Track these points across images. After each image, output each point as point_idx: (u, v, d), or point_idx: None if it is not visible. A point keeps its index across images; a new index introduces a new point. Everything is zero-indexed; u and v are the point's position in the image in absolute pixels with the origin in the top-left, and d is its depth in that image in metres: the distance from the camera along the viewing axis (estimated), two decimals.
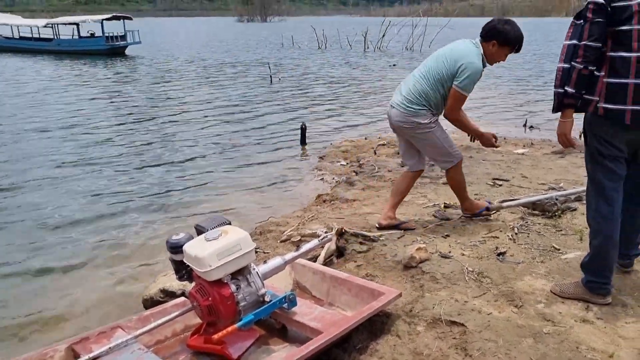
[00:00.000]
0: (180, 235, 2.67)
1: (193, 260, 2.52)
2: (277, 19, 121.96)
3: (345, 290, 3.07)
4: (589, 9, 2.59)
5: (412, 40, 30.49)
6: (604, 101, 2.63)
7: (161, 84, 16.77)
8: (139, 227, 5.39)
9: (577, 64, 2.60)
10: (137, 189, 6.51)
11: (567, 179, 5.51)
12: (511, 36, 3.65)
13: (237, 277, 2.64)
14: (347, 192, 5.42)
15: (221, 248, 2.49)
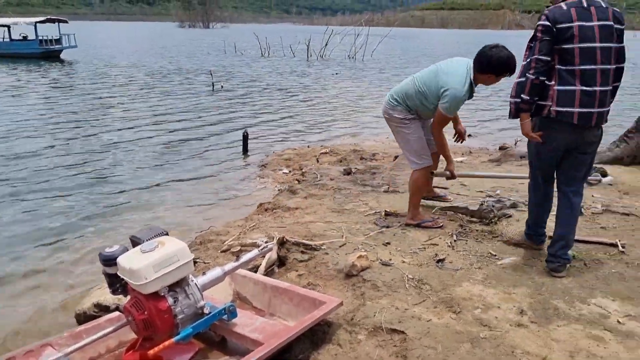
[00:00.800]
0: (114, 248, 2.57)
1: (128, 273, 2.43)
2: (220, 25, 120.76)
3: (287, 300, 3.04)
4: (538, 30, 3.10)
5: (355, 50, 30.87)
6: (556, 105, 3.12)
7: (98, 90, 16.24)
8: (72, 240, 5.19)
9: (530, 75, 3.09)
10: (72, 201, 6.26)
11: (502, 186, 5.67)
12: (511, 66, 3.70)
13: (175, 290, 2.56)
14: (290, 201, 5.39)
15: (157, 260, 2.41)
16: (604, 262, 3.55)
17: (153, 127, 10.69)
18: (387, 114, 4.23)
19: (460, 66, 3.88)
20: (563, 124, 3.15)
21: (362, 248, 3.78)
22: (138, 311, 2.46)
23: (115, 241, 4.97)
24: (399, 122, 4.15)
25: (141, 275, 2.37)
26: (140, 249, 2.46)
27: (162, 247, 2.47)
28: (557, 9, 3.08)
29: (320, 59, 30.44)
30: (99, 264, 2.66)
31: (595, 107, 3.10)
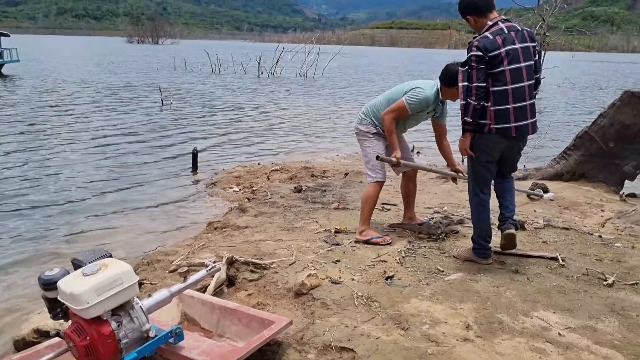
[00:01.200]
0: (54, 271, 2.47)
1: (68, 297, 2.34)
2: (169, 41, 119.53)
3: (236, 320, 3.00)
4: (472, 60, 3.48)
5: (306, 67, 31.12)
6: (494, 123, 3.58)
7: (41, 106, 15.72)
8: (11, 262, 4.96)
9: (472, 101, 3.48)
10: (11, 223, 5.99)
11: (450, 203, 5.81)
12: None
13: (119, 313, 2.47)
14: (239, 219, 5.34)
15: (100, 283, 2.33)
16: (545, 275, 3.67)
17: (99, 145, 10.41)
18: (356, 129, 4.53)
19: (430, 81, 4.29)
20: (504, 137, 3.63)
21: (312, 266, 3.77)
22: (79, 337, 2.37)
23: (57, 264, 4.82)
24: (363, 134, 4.44)
25: (82, 299, 2.29)
26: (81, 272, 2.38)
27: (105, 269, 2.39)
28: (485, 39, 3.51)
29: (271, 76, 30.53)
30: (38, 287, 2.56)
31: (529, 119, 3.64)
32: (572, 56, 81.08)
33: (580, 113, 18.16)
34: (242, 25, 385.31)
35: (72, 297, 2.31)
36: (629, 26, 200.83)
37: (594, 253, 4.16)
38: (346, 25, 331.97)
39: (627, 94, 6.54)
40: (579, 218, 5.32)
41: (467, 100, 3.50)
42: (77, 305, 2.31)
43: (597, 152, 6.77)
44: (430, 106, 4.26)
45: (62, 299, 2.41)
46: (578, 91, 26.85)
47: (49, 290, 2.47)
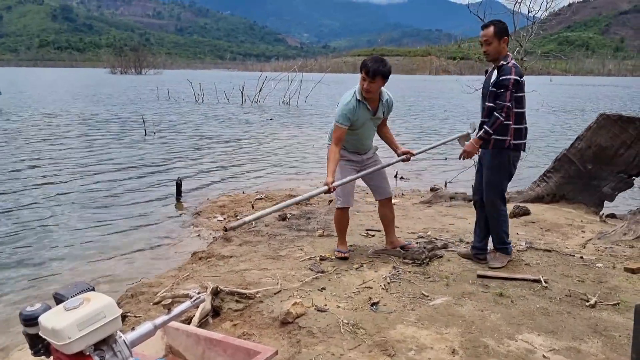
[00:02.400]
0: (35, 306, 2.43)
1: (50, 332, 2.30)
2: (153, 71, 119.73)
3: (221, 351, 2.97)
4: (510, 83, 3.99)
5: (289, 95, 31.33)
6: (513, 139, 4.14)
7: (24, 138, 15.62)
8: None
9: (501, 116, 4.00)
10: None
11: (434, 227, 5.85)
12: (367, 69, 4.13)
13: (101, 348, 2.44)
14: (224, 249, 5.33)
15: (82, 317, 2.30)
16: (529, 298, 3.70)
17: (83, 175, 10.34)
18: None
19: (349, 90, 4.37)
20: (517, 151, 4.24)
21: (297, 295, 3.77)
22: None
23: (41, 298, 4.75)
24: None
25: (64, 334, 2.25)
26: (63, 307, 2.35)
27: (87, 303, 2.36)
28: (518, 68, 4.07)
29: (254, 104, 30.67)
30: (19, 323, 2.53)
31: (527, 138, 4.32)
32: (550, 80, 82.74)
33: (559, 135, 18.47)
34: (225, 54, 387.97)
35: (54, 332, 2.28)
36: (603, 50, 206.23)
37: (576, 274, 4.21)
38: (328, 53, 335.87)
39: (603, 116, 6.69)
40: (560, 240, 5.39)
41: (497, 115, 3.98)
42: (58, 341, 2.27)
43: (576, 174, 6.89)
44: (361, 112, 4.27)
45: (44, 335, 2.37)
46: (556, 114, 27.34)
47: (30, 326, 2.42)
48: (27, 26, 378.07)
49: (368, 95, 4.23)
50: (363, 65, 4.17)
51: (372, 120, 4.38)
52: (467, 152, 4.24)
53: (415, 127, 20.63)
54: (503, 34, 4.15)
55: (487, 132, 4.06)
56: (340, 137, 4.27)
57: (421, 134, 18.21)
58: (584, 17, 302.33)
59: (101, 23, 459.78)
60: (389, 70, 4.24)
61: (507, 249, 4.44)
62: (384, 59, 4.24)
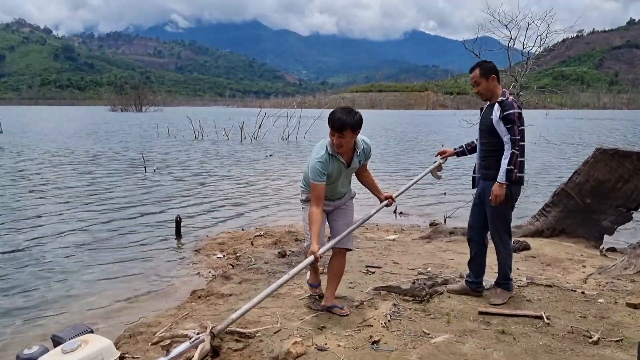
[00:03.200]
0: (33, 349, 2.42)
1: None
2: (153, 108, 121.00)
3: None
4: (516, 116, 4.05)
5: (288, 131, 31.57)
6: (519, 172, 4.17)
7: (25, 177, 15.67)
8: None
9: (515, 151, 4.06)
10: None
11: (434, 263, 5.83)
12: (333, 123, 3.84)
13: None
14: (223, 287, 5.29)
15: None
16: (531, 335, 3.67)
17: (82, 213, 10.34)
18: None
19: (320, 141, 4.08)
20: (520, 185, 4.29)
21: (297, 333, 3.74)
22: None
23: (39, 339, 4.70)
24: (302, 203, 4.31)
25: None
26: (61, 349, 2.34)
27: (85, 346, 2.35)
28: (516, 101, 4.16)
29: (254, 141, 30.86)
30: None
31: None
32: (547, 114, 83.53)
33: (557, 169, 18.54)
34: (224, 91, 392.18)
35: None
36: (598, 84, 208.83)
37: (577, 310, 4.19)
38: (326, 89, 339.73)
39: (599, 150, 6.74)
40: (561, 274, 5.37)
41: (514, 151, 4.04)
42: None
43: (575, 208, 6.90)
44: (335, 165, 3.95)
45: None
46: (553, 148, 27.51)
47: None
48: (30, 65, 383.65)
49: (340, 150, 3.91)
50: (329, 119, 3.85)
51: (347, 170, 4.08)
52: (497, 195, 4.14)
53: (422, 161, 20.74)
54: (490, 72, 4.23)
55: (511, 170, 4.08)
56: (320, 196, 3.91)
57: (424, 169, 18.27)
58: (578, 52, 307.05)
59: (102, 62, 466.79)
60: (358, 121, 3.84)
61: (509, 285, 4.43)
62: (352, 109, 3.88)
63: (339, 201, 4.24)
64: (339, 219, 4.24)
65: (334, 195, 4.17)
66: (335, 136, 3.84)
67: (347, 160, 4.00)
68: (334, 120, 3.82)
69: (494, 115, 4.16)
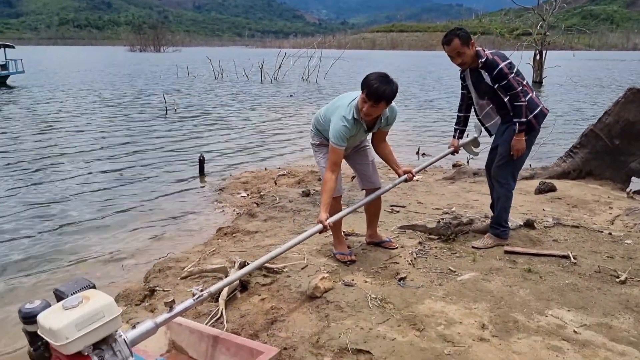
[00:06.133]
0: (34, 303, 2.38)
1: (47, 332, 2.23)
2: (171, 49, 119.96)
3: (224, 349, 2.90)
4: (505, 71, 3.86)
5: (308, 72, 31.19)
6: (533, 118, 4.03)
7: (48, 116, 15.82)
8: (19, 278, 4.89)
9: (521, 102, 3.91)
10: (20, 234, 5.95)
11: (458, 203, 5.81)
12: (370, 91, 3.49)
13: (101, 347, 2.35)
14: (249, 224, 5.36)
15: (80, 317, 2.21)
16: (558, 274, 3.67)
17: (106, 153, 10.46)
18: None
19: (345, 99, 3.77)
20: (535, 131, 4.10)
21: (324, 270, 3.79)
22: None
23: (73, 272, 4.85)
24: (313, 147, 4.11)
25: (62, 334, 2.17)
26: (62, 305, 2.28)
27: (86, 302, 2.30)
28: (495, 51, 4.02)
29: (274, 81, 30.58)
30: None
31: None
32: (573, 55, 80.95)
33: (584, 111, 18.15)
34: (243, 31, 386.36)
35: (52, 332, 2.20)
36: (628, 24, 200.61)
37: (604, 250, 4.16)
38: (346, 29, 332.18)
39: (632, 90, 6.55)
40: (587, 216, 5.32)
41: (520, 103, 3.89)
42: (56, 341, 2.20)
43: (603, 149, 6.77)
44: (356, 130, 3.71)
45: (42, 334, 2.30)
46: (581, 89, 26.85)
47: (28, 323, 2.36)
48: (47, 4, 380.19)
49: (367, 118, 3.68)
50: (365, 86, 3.52)
51: (365, 133, 3.89)
52: (517, 149, 4.00)
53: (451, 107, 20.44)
54: (469, 38, 3.91)
55: (522, 122, 3.91)
56: (337, 162, 3.70)
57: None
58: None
59: (120, 1, 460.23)
60: (395, 92, 3.55)
61: (500, 231, 4.25)
62: (389, 77, 3.55)
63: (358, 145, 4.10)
64: (362, 159, 4.11)
65: (349, 147, 3.95)
66: (367, 104, 3.52)
67: (368, 125, 3.79)
68: (371, 90, 3.47)
69: (486, 80, 3.95)
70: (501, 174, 4.18)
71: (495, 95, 4.02)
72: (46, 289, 4.50)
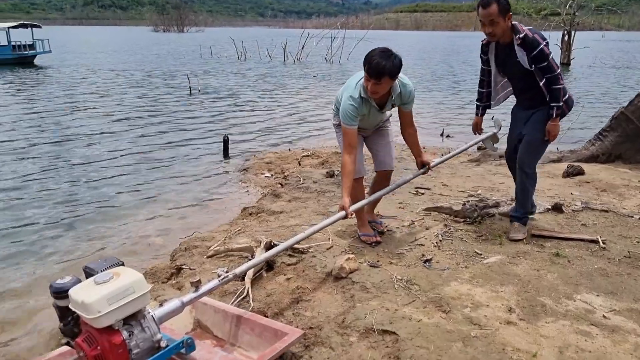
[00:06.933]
0: (65, 279, 2.44)
1: (80, 306, 2.28)
2: (194, 29, 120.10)
3: (248, 329, 2.93)
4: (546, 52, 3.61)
5: (331, 52, 30.99)
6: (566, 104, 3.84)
7: (73, 95, 16.03)
8: (48, 254, 4.99)
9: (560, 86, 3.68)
10: (44, 213, 6.03)
11: (483, 186, 5.75)
12: (370, 68, 3.43)
13: (130, 323, 2.40)
14: (274, 204, 5.38)
15: (112, 292, 2.26)
16: (586, 258, 3.62)
17: (130, 133, 10.56)
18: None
19: (355, 78, 3.71)
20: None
21: (349, 250, 3.79)
22: (90, 346, 2.30)
23: (100, 251, 4.93)
24: (334, 127, 4.09)
25: (94, 308, 2.21)
26: (93, 281, 2.34)
27: (117, 278, 2.34)
28: (533, 29, 3.69)
29: (297, 62, 30.45)
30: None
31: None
32: (602, 36, 79.07)
33: (613, 94, 17.74)
34: (265, 11, 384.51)
35: (84, 305, 2.25)
36: None
37: (635, 235, 4.09)
38: (370, 9, 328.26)
39: None
40: (617, 200, 5.22)
41: (559, 86, 3.67)
42: (88, 314, 2.25)
43: (634, 132, 6.63)
44: (365, 108, 3.65)
45: (73, 308, 2.35)
46: (610, 71, 26.23)
47: (60, 298, 2.42)
48: None
49: (374, 97, 3.58)
50: (366, 62, 3.44)
51: (380, 113, 3.80)
52: (553, 134, 3.83)
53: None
54: (508, 9, 3.61)
55: (559, 107, 3.72)
56: (352, 143, 3.63)
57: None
58: None
59: None
60: (397, 67, 3.43)
61: (527, 219, 4.17)
62: (390, 51, 3.44)
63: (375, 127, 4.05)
64: (379, 140, 4.07)
65: (369, 128, 3.96)
66: (370, 82, 3.45)
67: (379, 104, 3.70)
68: (372, 67, 3.39)
69: (520, 57, 3.67)
70: (530, 164, 3.99)
71: (526, 76, 3.75)
72: (75, 267, 4.58)
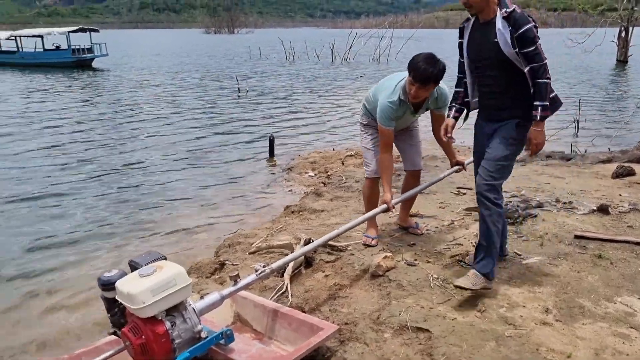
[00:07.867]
0: (112, 272, 2.58)
1: (126, 297, 2.42)
2: (245, 30, 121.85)
3: (286, 324, 3.00)
4: (535, 33, 2.89)
5: (379, 52, 30.88)
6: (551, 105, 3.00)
7: (128, 96, 16.61)
8: (96, 250, 5.18)
9: (547, 80, 2.92)
10: (97, 210, 6.28)
11: (528, 186, 5.66)
12: (417, 74, 3.45)
13: (172, 314, 2.50)
14: (315, 203, 5.46)
15: (155, 284, 2.38)
16: (630, 260, 3.54)
17: (181, 132, 10.89)
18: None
19: (392, 80, 3.76)
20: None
21: (387, 249, 3.83)
22: (135, 335, 2.44)
23: (148, 245, 5.12)
24: (360, 126, 4.15)
25: (139, 299, 2.34)
26: (138, 274, 2.47)
27: (160, 271, 2.47)
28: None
29: (344, 62, 30.50)
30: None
31: None
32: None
33: None
34: (315, 12, 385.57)
35: (129, 297, 2.39)
36: None
37: None
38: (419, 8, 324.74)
39: None
40: None
41: (545, 80, 2.89)
42: (133, 305, 2.38)
43: None
44: (402, 111, 3.69)
45: (120, 299, 2.48)
46: None
47: (107, 290, 2.57)
48: None
49: (415, 100, 3.63)
50: (412, 68, 3.45)
51: (412, 115, 3.84)
52: (537, 144, 3.00)
53: None
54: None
55: (545, 106, 2.92)
56: (389, 142, 3.74)
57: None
58: None
59: None
60: (442, 72, 3.47)
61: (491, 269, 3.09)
62: (436, 57, 3.47)
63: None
64: (407, 140, 4.11)
65: (398, 128, 3.96)
66: (415, 87, 3.48)
67: (415, 107, 3.75)
68: (419, 73, 3.42)
69: (500, 37, 2.92)
70: (494, 189, 3.14)
71: (502, 66, 3.00)
72: (121, 260, 4.78)
